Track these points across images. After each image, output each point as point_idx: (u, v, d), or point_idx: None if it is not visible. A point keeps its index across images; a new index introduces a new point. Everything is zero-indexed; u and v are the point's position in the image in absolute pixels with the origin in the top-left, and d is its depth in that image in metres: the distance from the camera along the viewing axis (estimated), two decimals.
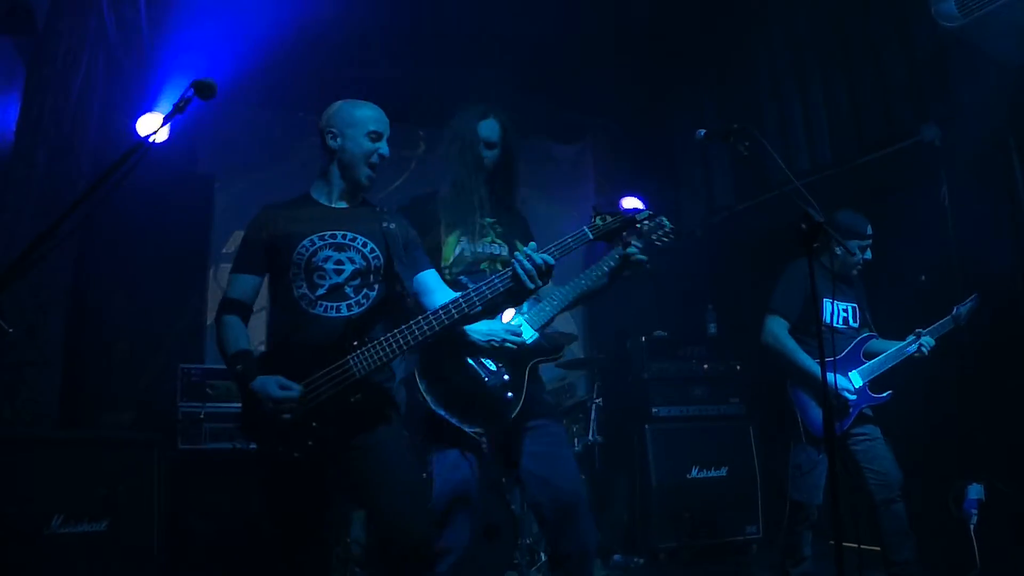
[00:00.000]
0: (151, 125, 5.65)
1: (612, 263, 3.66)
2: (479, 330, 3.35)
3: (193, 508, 5.15)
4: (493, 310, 3.24)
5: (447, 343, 3.34)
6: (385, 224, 3.20)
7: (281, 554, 2.95)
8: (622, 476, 6.89)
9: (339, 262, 3.07)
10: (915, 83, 5.54)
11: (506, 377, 3.48)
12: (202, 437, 5.34)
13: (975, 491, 4.81)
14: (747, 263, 6.95)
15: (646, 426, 6.63)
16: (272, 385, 2.82)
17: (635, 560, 6.41)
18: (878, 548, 4.44)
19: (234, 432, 5.28)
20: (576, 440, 6.38)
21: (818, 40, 6.28)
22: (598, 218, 3.14)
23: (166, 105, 5.58)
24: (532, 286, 2.95)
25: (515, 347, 3.39)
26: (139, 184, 5.80)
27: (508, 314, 3.58)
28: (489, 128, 3.67)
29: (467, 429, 3.40)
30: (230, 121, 7.20)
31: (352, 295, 3.06)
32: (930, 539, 4.74)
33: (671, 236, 3.64)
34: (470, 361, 3.48)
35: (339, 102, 3.31)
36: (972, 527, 4.75)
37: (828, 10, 6.13)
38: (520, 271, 2.93)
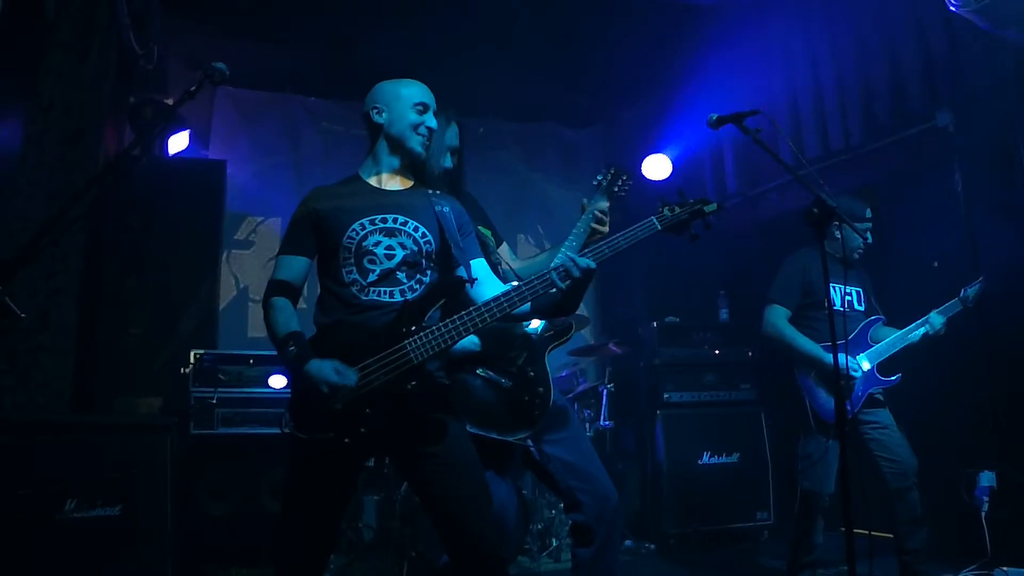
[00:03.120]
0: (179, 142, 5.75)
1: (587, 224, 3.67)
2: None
3: (206, 492, 5.20)
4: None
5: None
6: (439, 208, 3.11)
7: (295, 536, 2.88)
8: (633, 462, 6.92)
9: (390, 247, 2.97)
10: (928, 69, 5.48)
11: (531, 373, 3.47)
12: (214, 422, 5.37)
13: (987, 479, 4.80)
14: (759, 249, 6.94)
15: (657, 412, 6.66)
16: (328, 369, 2.73)
17: (646, 546, 6.44)
18: (890, 535, 4.45)
19: (252, 416, 5.35)
20: (587, 425, 6.40)
21: (831, 25, 6.23)
22: (666, 208, 3.05)
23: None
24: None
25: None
26: (150, 169, 5.92)
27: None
28: (453, 135, 3.67)
29: (511, 439, 3.37)
30: (241, 106, 7.22)
31: (405, 280, 2.96)
32: (942, 526, 4.74)
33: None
34: (480, 372, 3.45)
35: (381, 82, 3.21)
36: (984, 515, 4.74)
37: None
38: (575, 270, 2.83)
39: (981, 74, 5.07)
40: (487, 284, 3.10)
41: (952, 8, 4.64)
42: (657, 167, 7.07)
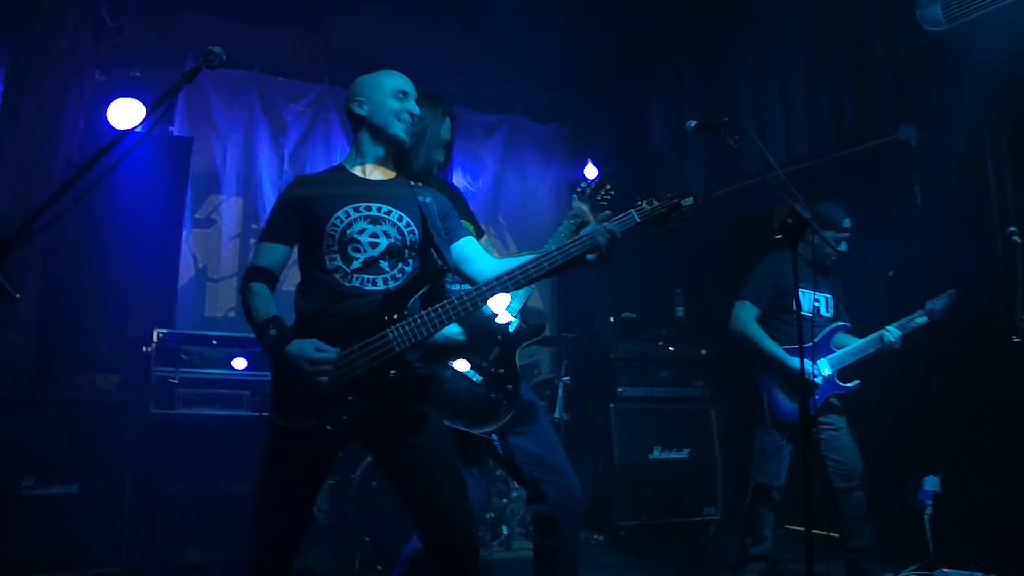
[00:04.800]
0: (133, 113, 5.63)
1: (569, 229, 3.70)
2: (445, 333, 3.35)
3: (165, 473, 5.16)
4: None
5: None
6: (421, 198, 3.13)
7: (269, 520, 2.89)
8: (586, 454, 6.99)
9: (374, 235, 2.98)
10: (896, 83, 5.61)
11: (502, 370, 3.51)
12: (176, 402, 5.33)
13: (931, 483, 4.95)
14: (717, 249, 7.05)
15: (611, 405, 6.74)
16: (308, 347, 2.75)
17: (596, 537, 6.52)
18: (837, 535, 4.58)
19: (213, 397, 5.33)
20: None
21: (803, 35, 6.35)
22: (644, 201, 3.05)
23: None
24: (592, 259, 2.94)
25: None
26: (115, 147, 5.80)
27: (503, 300, 3.61)
28: (446, 129, 3.67)
29: (477, 432, 3.41)
30: (209, 83, 7.12)
31: (388, 269, 2.98)
32: (887, 527, 4.89)
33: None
34: (452, 365, 3.49)
35: (361, 76, 3.22)
36: (927, 516, 4.90)
37: (817, 6, 6.20)
38: (603, 242, 2.91)
39: (947, 92, 5.18)
40: (479, 261, 3.13)
41: (924, 27, 4.75)
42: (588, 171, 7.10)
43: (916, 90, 5.47)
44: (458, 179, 3.75)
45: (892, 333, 4.71)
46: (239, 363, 5.54)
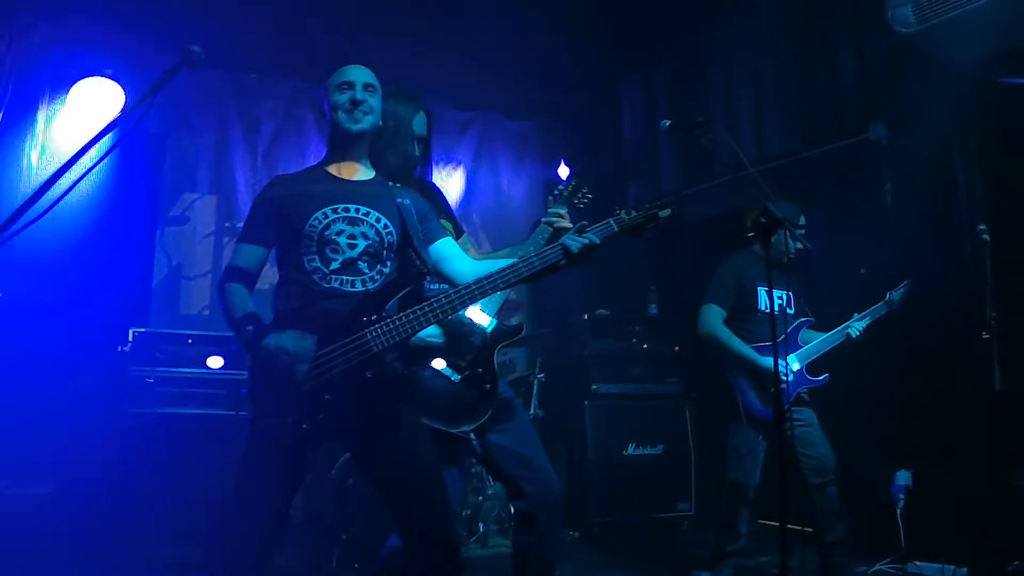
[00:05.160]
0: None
1: (546, 232, 3.70)
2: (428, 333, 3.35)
3: (143, 472, 5.14)
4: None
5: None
6: (399, 200, 3.15)
7: (246, 519, 2.89)
8: (561, 450, 7.01)
9: (352, 236, 2.99)
10: (866, 84, 5.67)
11: (480, 370, 3.53)
12: (152, 401, 5.31)
13: (903, 477, 5.03)
14: (689, 247, 7.08)
15: (585, 402, 6.76)
16: (285, 339, 2.77)
17: (571, 533, 6.54)
18: (810, 529, 4.65)
19: (190, 396, 5.31)
20: None
21: (774, 34, 6.40)
22: (623, 211, 3.10)
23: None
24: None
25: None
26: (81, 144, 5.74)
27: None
28: (420, 123, 3.66)
29: (455, 431, 3.43)
30: (180, 81, 7.07)
31: (366, 270, 2.99)
32: (859, 521, 4.96)
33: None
34: (434, 366, 3.50)
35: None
36: (899, 510, 4.98)
37: (788, 7, 6.26)
38: (574, 248, 2.94)
39: (917, 93, 5.25)
40: (457, 261, 3.17)
41: (894, 28, 4.80)
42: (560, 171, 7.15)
43: (886, 90, 5.54)
44: (434, 177, 3.78)
45: (855, 328, 4.81)
46: (215, 362, 5.53)
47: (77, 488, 4.42)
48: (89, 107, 5.81)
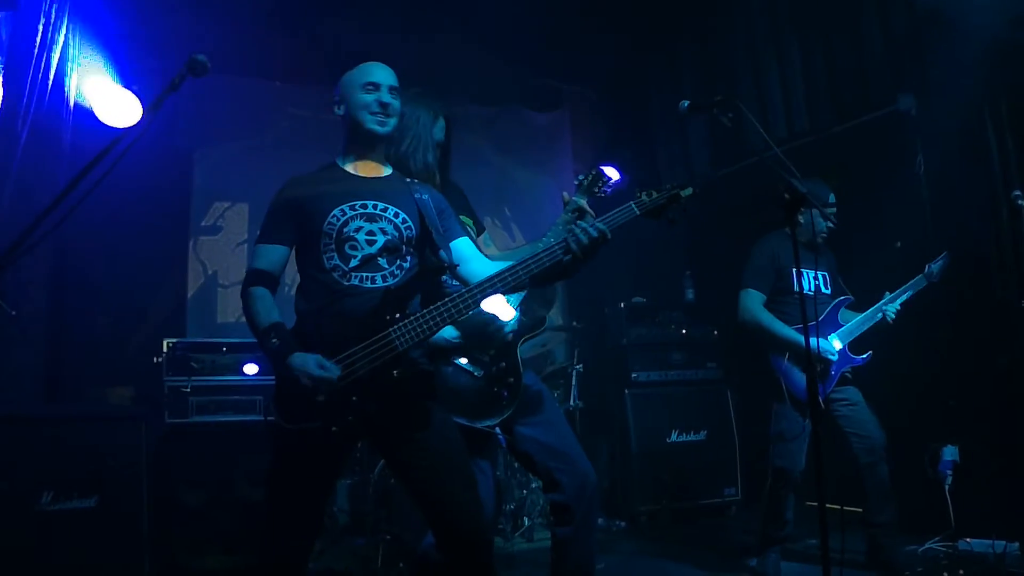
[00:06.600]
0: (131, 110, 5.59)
1: (567, 222, 3.65)
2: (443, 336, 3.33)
3: (181, 482, 5.19)
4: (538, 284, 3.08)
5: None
6: (417, 195, 3.13)
7: (280, 524, 2.88)
8: (602, 441, 6.99)
9: (371, 233, 2.98)
10: (892, 53, 5.56)
11: (503, 364, 3.51)
12: (188, 410, 5.34)
13: (950, 452, 4.92)
14: (725, 230, 7.00)
15: (626, 391, 6.74)
16: (312, 363, 2.72)
17: (617, 523, 6.53)
18: (859, 509, 4.57)
19: (226, 404, 5.35)
20: None
21: (796, 9, 6.32)
22: (644, 194, 3.03)
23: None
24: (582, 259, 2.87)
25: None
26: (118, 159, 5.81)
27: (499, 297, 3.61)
28: (439, 130, 3.67)
29: (479, 426, 3.41)
30: (207, 92, 7.12)
31: (386, 266, 2.97)
32: (907, 500, 4.87)
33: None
34: (456, 362, 3.49)
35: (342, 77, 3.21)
36: (947, 487, 4.87)
37: None
38: (574, 246, 2.85)
39: (943, 60, 5.15)
40: (474, 262, 3.13)
41: None
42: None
43: (913, 60, 5.43)
44: (459, 174, 3.74)
45: (890, 310, 4.74)
46: (250, 368, 5.55)
47: (120, 501, 4.43)
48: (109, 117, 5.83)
